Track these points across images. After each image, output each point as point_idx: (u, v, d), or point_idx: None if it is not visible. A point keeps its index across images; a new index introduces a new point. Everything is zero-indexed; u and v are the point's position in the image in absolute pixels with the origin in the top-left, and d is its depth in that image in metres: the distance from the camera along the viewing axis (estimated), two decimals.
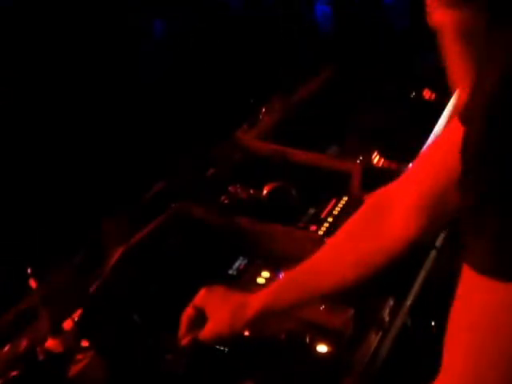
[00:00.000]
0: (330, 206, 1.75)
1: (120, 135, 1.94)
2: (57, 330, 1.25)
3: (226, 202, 1.74)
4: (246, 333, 1.34)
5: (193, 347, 1.26)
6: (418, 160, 1.17)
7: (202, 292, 1.27)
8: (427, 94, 2.37)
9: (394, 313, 1.47)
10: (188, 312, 1.27)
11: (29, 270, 1.24)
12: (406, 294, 1.55)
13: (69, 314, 1.31)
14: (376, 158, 1.92)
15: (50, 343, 1.24)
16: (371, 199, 1.20)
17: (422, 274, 1.63)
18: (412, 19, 3.03)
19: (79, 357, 1.22)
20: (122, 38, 2.05)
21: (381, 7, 2.94)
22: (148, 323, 1.37)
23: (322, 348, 1.32)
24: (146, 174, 1.79)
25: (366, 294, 1.44)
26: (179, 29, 2.28)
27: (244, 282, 1.48)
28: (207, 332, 1.24)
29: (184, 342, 1.27)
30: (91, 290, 1.40)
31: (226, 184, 1.79)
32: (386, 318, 1.44)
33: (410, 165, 1.84)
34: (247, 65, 2.37)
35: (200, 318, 1.26)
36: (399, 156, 1.91)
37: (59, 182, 1.73)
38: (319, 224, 1.68)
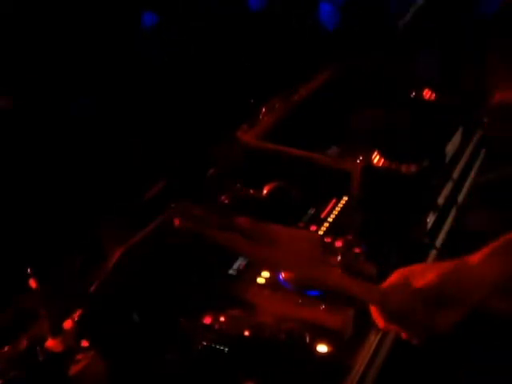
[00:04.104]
0: (330, 206, 1.75)
1: (120, 135, 1.94)
2: (57, 330, 1.25)
3: (225, 202, 1.74)
4: (246, 333, 1.35)
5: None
6: None
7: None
8: (427, 93, 2.38)
9: None
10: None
11: (29, 270, 1.24)
12: None
13: (69, 314, 1.31)
14: (376, 158, 1.92)
15: (50, 343, 1.24)
16: None
17: None
18: (412, 19, 3.03)
19: (79, 357, 1.22)
20: (120, 36, 2.05)
21: (381, 7, 2.94)
22: (148, 323, 1.37)
23: (322, 348, 1.32)
24: (146, 174, 1.79)
25: None
26: (178, 27, 2.28)
27: (244, 282, 1.48)
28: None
29: None
30: (91, 289, 1.40)
31: (226, 184, 1.79)
32: None
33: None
34: (247, 64, 2.36)
35: None
36: (399, 156, 1.91)
37: (59, 182, 1.73)
38: (319, 224, 1.68)
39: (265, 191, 1.76)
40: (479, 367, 1.79)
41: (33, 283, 1.24)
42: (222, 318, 1.38)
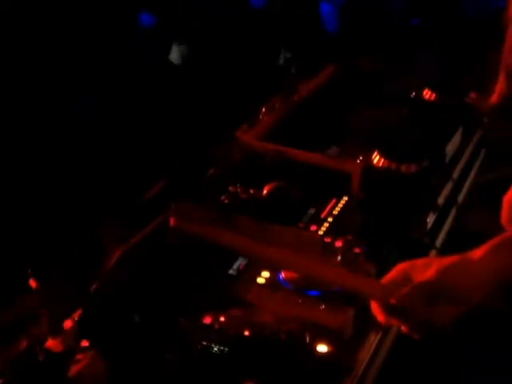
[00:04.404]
0: (330, 206, 1.75)
1: (120, 136, 1.94)
2: (57, 330, 1.25)
3: (225, 201, 1.74)
4: (246, 333, 1.35)
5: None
6: None
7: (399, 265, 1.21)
8: (427, 94, 2.38)
9: None
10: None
11: (29, 270, 1.24)
12: None
13: (69, 314, 1.31)
14: (376, 158, 1.92)
15: (50, 343, 1.24)
16: None
17: None
18: (412, 19, 3.03)
19: (79, 357, 1.22)
20: (120, 36, 2.05)
21: (381, 7, 2.94)
22: (148, 323, 1.37)
23: (322, 348, 1.32)
24: (145, 174, 1.79)
25: None
26: (178, 28, 2.28)
27: (244, 282, 1.48)
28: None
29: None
30: (91, 289, 1.40)
31: (226, 184, 1.79)
32: None
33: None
34: (247, 65, 2.37)
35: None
36: (399, 156, 1.91)
37: (59, 182, 1.73)
38: (319, 224, 1.68)
39: (265, 191, 1.76)
40: (479, 367, 1.79)
41: (33, 283, 1.24)
42: (222, 318, 1.38)
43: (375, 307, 1.21)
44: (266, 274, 1.50)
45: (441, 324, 1.15)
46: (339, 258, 1.51)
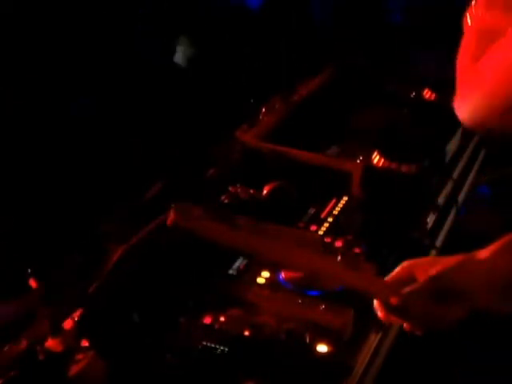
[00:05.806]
0: (330, 206, 1.75)
1: (120, 135, 1.93)
2: (57, 330, 1.25)
3: (225, 201, 1.74)
4: (246, 333, 1.35)
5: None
6: None
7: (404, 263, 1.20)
8: (427, 93, 2.38)
9: None
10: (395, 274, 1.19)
11: (29, 270, 1.24)
12: None
13: (69, 314, 1.31)
14: (376, 158, 1.92)
15: (50, 343, 1.24)
16: None
17: None
18: (412, 18, 3.03)
19: (79, 357, 1.22)
20: (120, 36, 2.05)
21: (380, 6, 2.94)
22: (148, 323, 1.37)
23: (322, 348, 1.32)
24: (145, 174, 1.79)
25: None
26: (177, 28, 2.28)
27: (244, 282, 1.48)
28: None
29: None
30: (91, 289, 1.40)
31: (226, 184, 1.79)
32: None
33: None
34: (247, 64, 2.37)
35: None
36: (399, 156, 1.91)
37: (59, 182, 1.73)
38: (319, 224, 1.68)
39: (265, 191, 1.76)
40: (476, 367, 1.80)
41: (33, 283, 1.24)
42: (222, 318, 1.38)
43: (377, 304, 1.21)
44: (265, 273, 1.50)
45: (445, 323, 1.15)
46: (339, 257, 1.51)
